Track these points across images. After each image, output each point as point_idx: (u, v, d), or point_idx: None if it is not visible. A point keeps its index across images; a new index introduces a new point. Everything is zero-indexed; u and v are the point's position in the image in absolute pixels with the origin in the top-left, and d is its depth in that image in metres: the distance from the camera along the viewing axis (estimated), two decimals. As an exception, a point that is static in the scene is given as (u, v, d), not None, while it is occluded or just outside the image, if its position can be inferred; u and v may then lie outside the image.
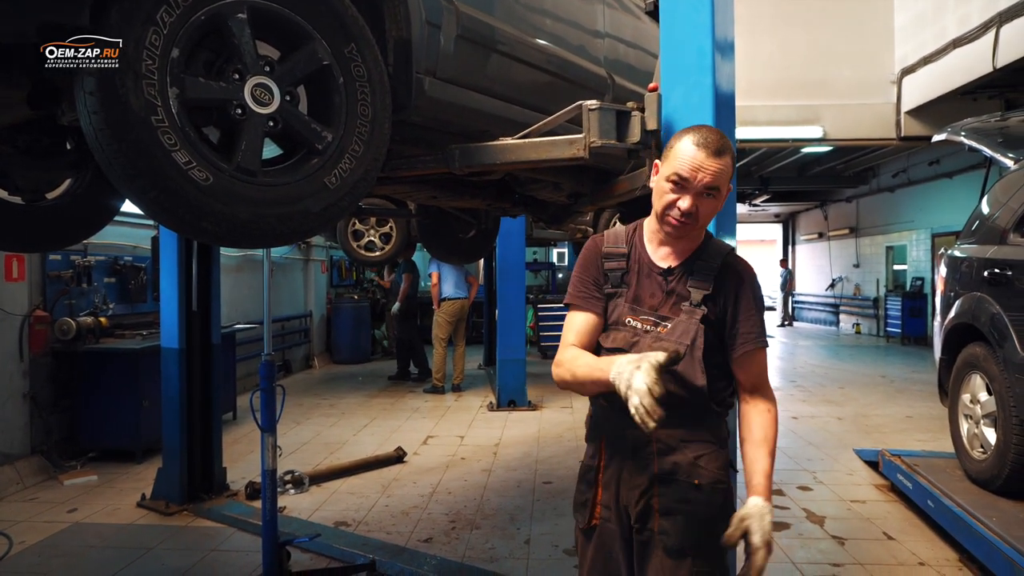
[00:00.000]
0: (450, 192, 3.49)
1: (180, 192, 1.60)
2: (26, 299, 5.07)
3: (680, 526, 1.64)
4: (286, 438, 6.08)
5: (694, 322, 1.65)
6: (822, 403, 7.74)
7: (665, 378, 1.53)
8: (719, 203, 1.65)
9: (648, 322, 1.70)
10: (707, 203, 1.63)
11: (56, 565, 3.53)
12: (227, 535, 3.95)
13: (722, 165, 1.60)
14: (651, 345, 1.65)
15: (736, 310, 1.68)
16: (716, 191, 1.62)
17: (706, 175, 1.59)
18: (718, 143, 1.61)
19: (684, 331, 1.65)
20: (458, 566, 3.45)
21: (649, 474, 1.67)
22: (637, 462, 1.68)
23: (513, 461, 5.41)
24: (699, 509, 1.65)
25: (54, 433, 5.21)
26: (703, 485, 1.65)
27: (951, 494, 3.76)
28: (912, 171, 13.31)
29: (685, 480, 1.65)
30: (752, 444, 1.66)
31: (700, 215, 1.64)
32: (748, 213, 19.71)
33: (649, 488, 1.67)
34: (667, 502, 1.65)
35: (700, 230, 1.71)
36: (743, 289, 1.69)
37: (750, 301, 1.69)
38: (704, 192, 1.61)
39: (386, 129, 2.01)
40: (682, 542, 1.64)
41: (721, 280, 1.68)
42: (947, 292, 4.43)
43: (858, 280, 16.25)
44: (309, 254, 10.90)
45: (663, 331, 1.67)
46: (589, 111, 2.35)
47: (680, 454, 1.66)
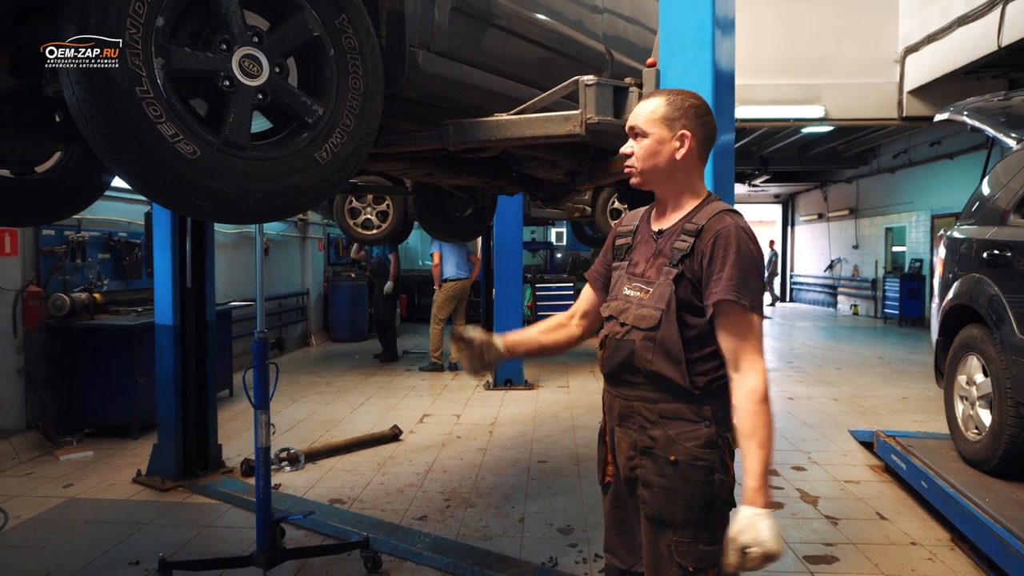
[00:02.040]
0: (446, 169, 3.45)
1: (166, 166, 1.57)
2: (19, 274, 5.04)
3: (657, 498, 1.67)
4: (282, 416, 6.09)
5: (668, 283, 1.67)
6: (818, 384, 7.76)
7: (645, 345, 1.67)
8: (652, 145, 1.72)
9: (637, 287, 1.75)
10: (639, 145, 1.74)
11: (51, 540, 3.54)
12: (222, 511, 3.96)
13: (646, 108, 1.74)
14: (635, 311, 1.72)
15: (711, 266, 1.62)
16: (638, 131, 1.73)
17: (635, 119, 1.74)
18: (650, 95, 1.79)
19: (660, 295, 1.68)
20: (452, 544, 3.46)
21: (632, 443, 1.73)
22: (624, 431, 1.75)
23: (509, 440, 5.42)
24: (675, 484, 1.65)
25: (49, 409, 5.20)
26: (680, 462, 1.65)
27: (945, 475, 3.77)
28: (913, 152, 13.24)
29: (662, 455, 1.67)
30: (741, 436, 1.61)
31: (638, 158, 1.74)
32: (748, 194, 19.61)
33: (633, 457, 1.73)
34: (646, 474, 1.69)
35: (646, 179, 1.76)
36: (719, 244, 1.62)
37: (722, 254, 1.61)
38: (633, 134, 1.75)
39: (378, 103, 1.98)
40: (659, 512, 1.67)
41: (700, 237, 1.66)
42: (945, 273, 4.41)
43: (857, 261, 16.24)
44: (306, 232, 10.85)
45: (646, 297, 1.72)
46: (586, 87, 2.31)
47: (658, 429, 1.68)
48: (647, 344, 1.67)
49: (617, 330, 1.74)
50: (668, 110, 1.71)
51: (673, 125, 1.70)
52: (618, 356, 1.73)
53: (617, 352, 1.73)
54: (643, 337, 1.68)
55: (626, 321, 1.72)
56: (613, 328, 1.76)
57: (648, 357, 1.67)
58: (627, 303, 1.75)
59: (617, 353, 1.73)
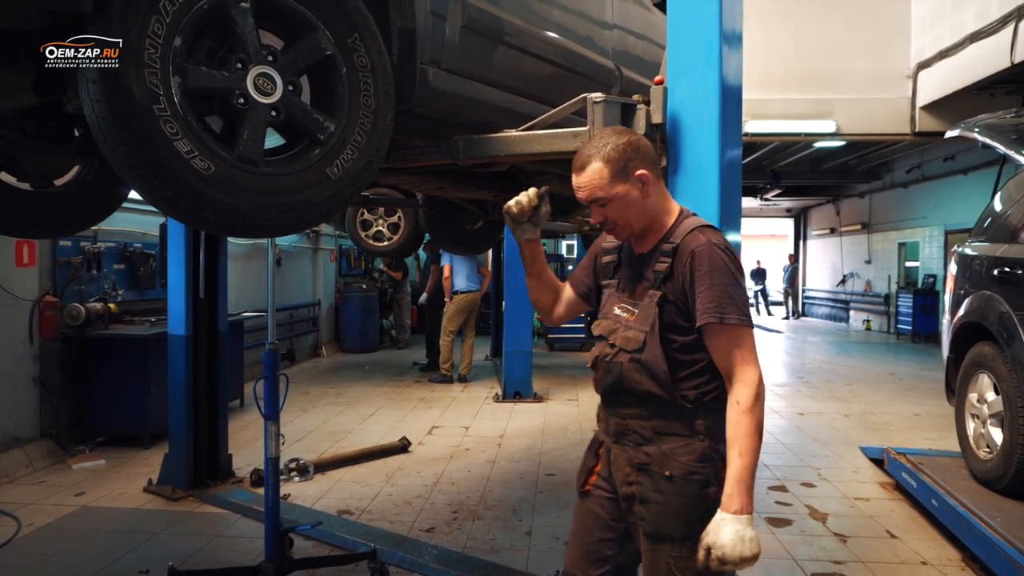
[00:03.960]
0: (456, 183, 3.49)
1: (182, 181, 1.60)
2: (36, 284, 5.12)
3: (655, 514, 1.70)
4: (292, 426, 6.12)
5: (652, 305, 1.71)
6: (829, 399, 7.71)
7: (633, 367, 1.72)
8: (620, 203, 1.72)
9: (625, 309, 1.79)
10: (610, 211, 1.73)
11: (63, 548, 3.58)
12: (231, 521, 3.99)
13: (588, 178, 1.71)
14: (622, 333, 1.76)
15: (692, 287, 1.66)
16: (600, 200, 1.72)
17: (582, 193, 1.74)
18: (579, 159, 1.74)
19: (645, 317, 1.72)
20: (459, 556, 3.47)
21: (628, 460, 1.76)
22: (622, 449, 1.79)
23: (517, 453, 5.42)
24: (672, 499, 1.68)
25: (63, 417, 5.26)
26: (675, 476, 1.68)
27: (955, 493, 3.74)
28: (926, 167, 13.18)
29: (657, 471, 1.70)
30: (726, 446, 1.62)
31: (614, 219, 1.75)
32: (759, 208, 19.59)
33: (630, 474, 1.75)
34: (643, 491, 1.72)
35: (638, 226, 1.76)
36: (692, 263, 1.65)
37: (707, 274, 1.63)
38: (595, 204, 1.74)
39: (389, 120, 2.01)
40: (657, 529, 1.70)
41: (677, 257, 1.69)
42: (957, 290, 4.39)
43: (869, 276, 16.14)
44: (318, 243, 10.93)
45: (631, 318, 1.76)
46: (594, 104, 2.33)
47: (653, 446, 1.72)
48: (634, 366, 1.71)
49: (607, 352, 1.79)
50: (613, 166, 1.70)
51: (626, 173, 1.71)
52: (609, 378, 1.78)
53: (608, 374, 1.78)
54: (630, 359, 1.72)
55: (615, 343, 1.77)
56: (603, 349, 1.81)
57: (636, 378, 1.71)
58: (616, 323, 1.80)
59: (608, 375, 1.78)
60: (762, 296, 20.89)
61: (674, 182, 2.50)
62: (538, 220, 1.91)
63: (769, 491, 4.52)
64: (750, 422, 1.59)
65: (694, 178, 2.46)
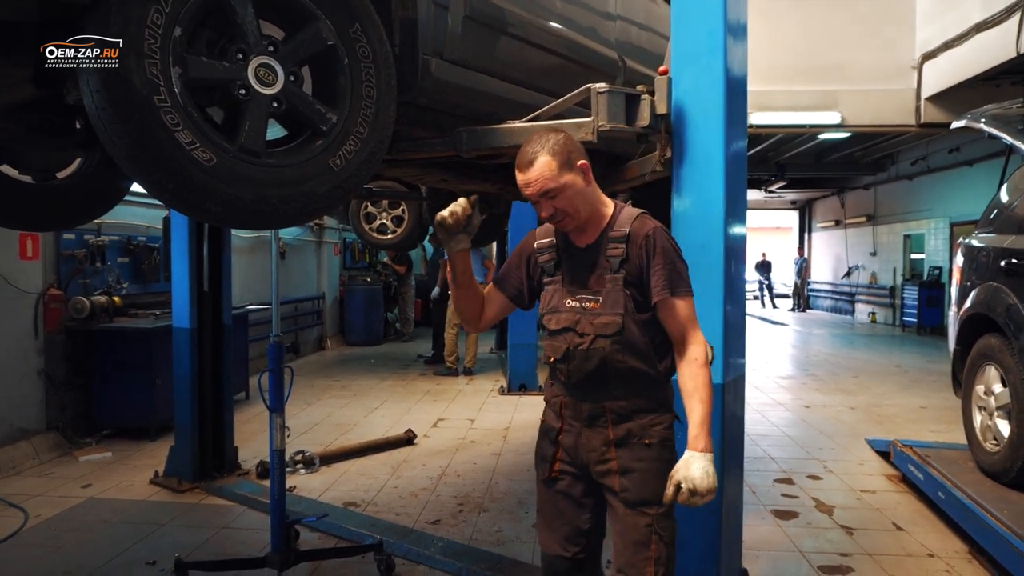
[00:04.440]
0: (460, 175, 3.47)
1: (184, 173, 1.60)
2: (40, 278, 5.13)
3: (637, 482, 1.86)
4: (298, 419, 6.13)
5: (619, 289, 1.85)
6: (835, 392, 7.69)
7: (615, 348, 1.84)
8: (570, 193, 1.82)
9: (584, 299, 1.89)
10: (559, 200, 1.82)
11: (70, 539, 3.59)
12: (237, 513, 4.00)
13: (537, 171, 1.79)
14: (593, 321, 1.86)
15: (648, 267, 1.83)
16: (551, 192, 1.80)
17: (532, 187, 1.81)
18: (525, 156, 1.82)
19: (615, 301, 1.85)
20: (464, 548, 3.47)
21: (605, 439, 1.89)
22: (594, 430, 1.91)
23: (523, 445, 5.42)
24: (652, 465, 1.87)
25: (69, 410, 5.28)
26: (653, 444, 1.88)
27: (962, 486, 3.72)
28: (932, 158, 13.10)
29: (638, 442, 1.88)
30: (685, 396, 1.82)
31: (563, 209, 1.83)
32: (764, 200, 19.54)
33: (606, 451, 1.89)
34: (624, 462, 1.87)
35: (584, 214, 1.87)
36: (649, 247, 1.84)
37: (659, 255, 1.83)
38: (545, 197, 1.81)
39: (391, 111, 2.00)
40: (640, 495, 1.86)
41: (631, 241, 1.85)
42: (963, 282, 4.36)
43: (875, 269, 16.08)
44: (322, 236, 10.93)
45: (596, 306, 1.87)
46: (598, 94, 2.32)
47: (631, 422, 1.89)
48: (615, 347, 1.85)
49: (578, 341, 1.88)
50: (559, 158, 1.81)
51: (571, 164, 1.83)
52: (590, 364, 1.87)
53: (588, 360, 1.87)
54: (612, 342, 1.85)
55: (585, 331, 1.87)
56: (572, 340, 1.89)
57: (620, 358, 1.85)
58: (577, 314, 1.89)
59: (588, 361, 1.87)
60: (767, 289, 20.83)
61: (679, 174, 2.49)
62: (472, 229, 1.92)
63: (775, 483, 4.52)
64: (706, 374, 1.83)
65: (699, 170, 2.45)
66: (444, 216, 1.86)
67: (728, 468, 2.51)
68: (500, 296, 2.08)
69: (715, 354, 2.42)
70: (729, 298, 2.47)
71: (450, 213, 1.86)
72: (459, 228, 1.89)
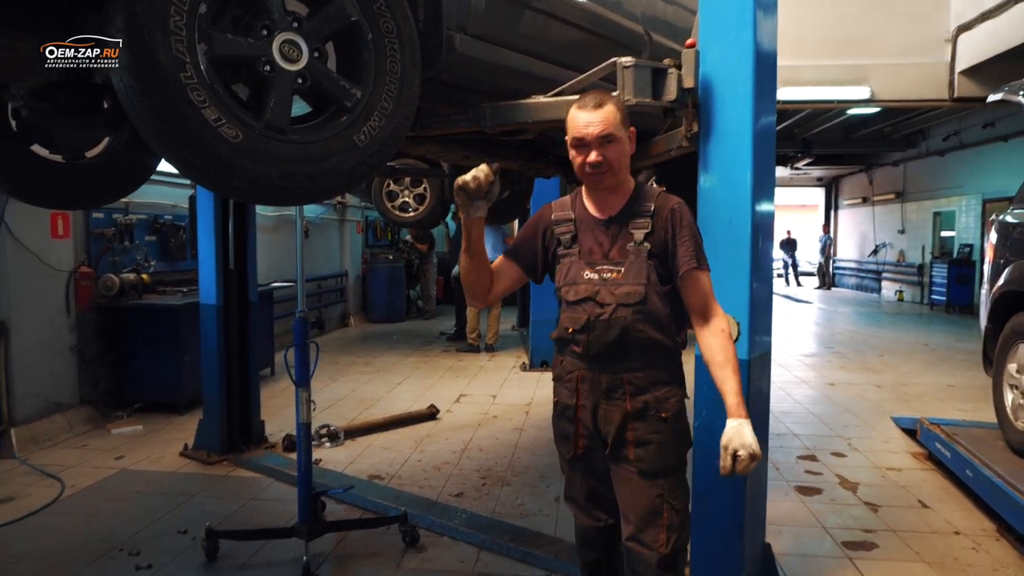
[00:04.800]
0: (483, 152, 3.46)
1: (210, 149, 1.61)
2: (71, 256, 5.22)
3: (653, 453, 1.93)
4: (322, 394, 6.22)
5: (643, 260, 1.90)
6: (860, 370, 7.61)
7: (636, 318, 1.88)
8: (623, 146, 1.90)
9: (604, 270, 1.93)
10: (610, 149, 1.87)
11: (105, 508, 3.70)
12: (265, 484, 4.08)
13: (605, 114, 1.85)
14: (615, 291, 1.90)
15: (673, 240, 1.90)
16: (611, 137, 1.86)
17: (595, 127, 1.85)
18: (595, 99, 1.87)
19: (638, 271, 1.90)
20: (488, 520, 3.51)
21: (622, 411, 1.93)
22: (611, 402, 1.95)
23: (544, 420, 5.44)
24: (667, 438, 1.94)
25: (101, 385, 5.41)
26: (668, 418, 1.93)
27: (991, 464, 3.68)
28: (964, 134, 12.77)
29: (654, 415, 1.93)
30: (716, 366, 1.87)
31: (610, 160, 1.87)
32: (789, 177, 19.21)
33: (623, 423, 1.93)
34: (640, 434, 1.93)
35: (621, 176, 1.94)
36: (674, 220, 1.91)
37: (684, 230, 1.91)
38: (602, 142, 1.85)
39: (415, 86, 1.99)
40: (655, 466, 1.93)
41: (657, 216, 1.92)
42: (997, 259, 4.28)
43: (903, 246, 15.79)
44: (344, 214, 10.98)
45: (619, 276, 1.91)
46: (624, 68, 2.29)
47: (649, 394, 1.93)
48: (637, 317, 1.88)
49: (599, 311, 1.91)
50: (623, 113, 1.90)
51: (627, 124, 1.92)
52: (611, 334, 1.90)
53: (609, 330, 1.90)
54: (633, 311, 1.88)
55: (605, 301, 1.90)
56: (592, 310, 1.91)
57: (640, 328, 1.89)
58: (598, 285, 1.92)
59: (609, 331, 1.90)
60: (792, 267, 20.58)
61: (706, 149, 2.46)
62: (492, 196, 1.89)
63: (799, 460, 4.50)
64: (733, 345, 1.91)
65: (726, 144, 2.42)
66: (466, 180, 1.83)
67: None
68: (513, 268, 2.08)
69: (740, 330, 2.41)
70: (756, 275, 2.44)
71: (472, 178, 1.84)
72: (480, 194, 1.86)
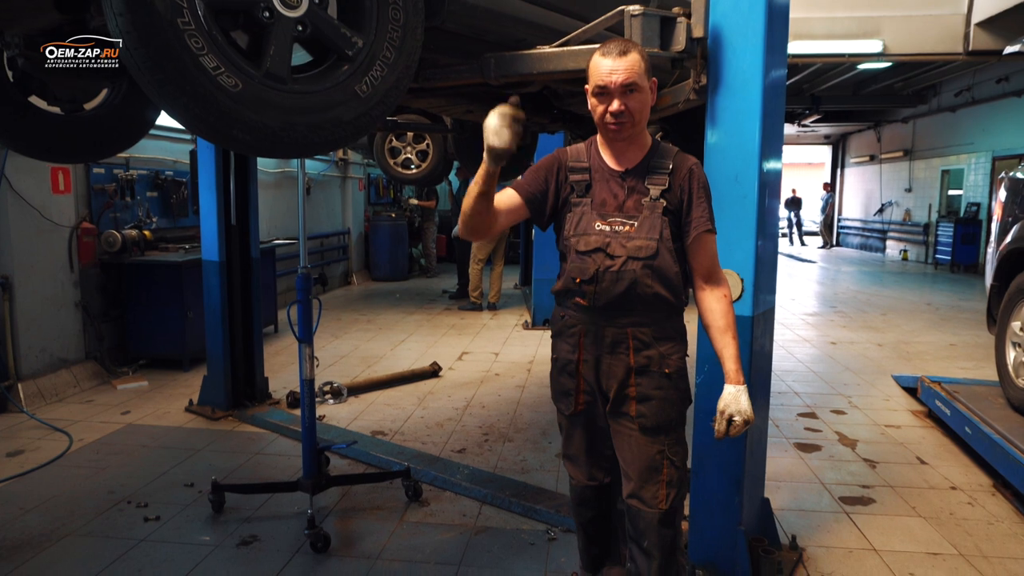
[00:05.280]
0: (486, 106, 3.37)
1: (210, 98, 1.57)
2: (73, 211, 5.19)
3: (655, 409, 1.93)
4: (325, 351, 6.25)
5: (657, 215, 1.89)
6: (863, 329, 7.63)
7: (646, 272, 1.87)
8: (646, 96, 1.86)
9: (616, 223, 1.91)
10: (633, 99, 1.83)
11: (112, 462, 3.75)
12: (269, 440, 4.13)
13: (630, 62, 1.81)
14: (627, 244, 1.88)
15: (689, 200, 1.90)
16: (634, 86, 1.81)
17: (619, 75, 1.80)
18: (621, 46, 1.83)
19: (651, 226, 1.88)
20: (490, 476, 3.56)
21: (626, 366, 1.93)
22: (615, 356, 1.94)
23: (546, 378, 5.43)
24: (669, 394, 1.95)
25: (106, 341, 5.43)
26: (671, 374, 1.94)
27: (990, 420, 3.71)
28: (977, 89, 12.55)
29: (657, 371, 1.93)
30: (717, 331, 1.91)
31: (631, 111, 1.84)
32: (796, 134, 18.98)
33: (626, 378, 1.93)
34: (643, 390, 1.93)
35: (640, 127, 1.90)
36: (692, 180, 1.91)
37: (701, 191, 1.92)
38: (625, 91, 1.82)
39: (418, 35, 1.94)
40: (657, 422, 1.94)
41: (674, 175, 1.91)
42: (1005, 217, 4.24)
43: (909, 205, 15.67)
44: (346, 171, 10.90)
45: (631, 229, 1.89)
46: (631, 17, 2.23)
47: (652, 349, 1.93)
48: (647, 271, 1.87)
49: (608, 263, 1.89)
50: (647, 62, 1.85)
51: (650, 74, 1.88)
52: (619, 286, 1.88)
53: (617, 283, 1.88)
54: (643, 265, 1.87)
55: (616, 253, 1.88)
56: (603, 262, 1.89)
57: (648, 283, 1.88)
58: (609, 237, 1.90)
59: (617, 284, 1.88)
60: (796, 226, 20.47)
61: (714, 101, 2.41)
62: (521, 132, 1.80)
63: (799, 417, 4.54)
64: (733, 311, 1.94)
65: (735, 96, 2.37)
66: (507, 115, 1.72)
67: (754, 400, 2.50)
68: (518, 203, 1.99)
69: (744, 287, 2.40)
70: (762, 232, 2.42)
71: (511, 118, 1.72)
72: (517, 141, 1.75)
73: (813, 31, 8.91)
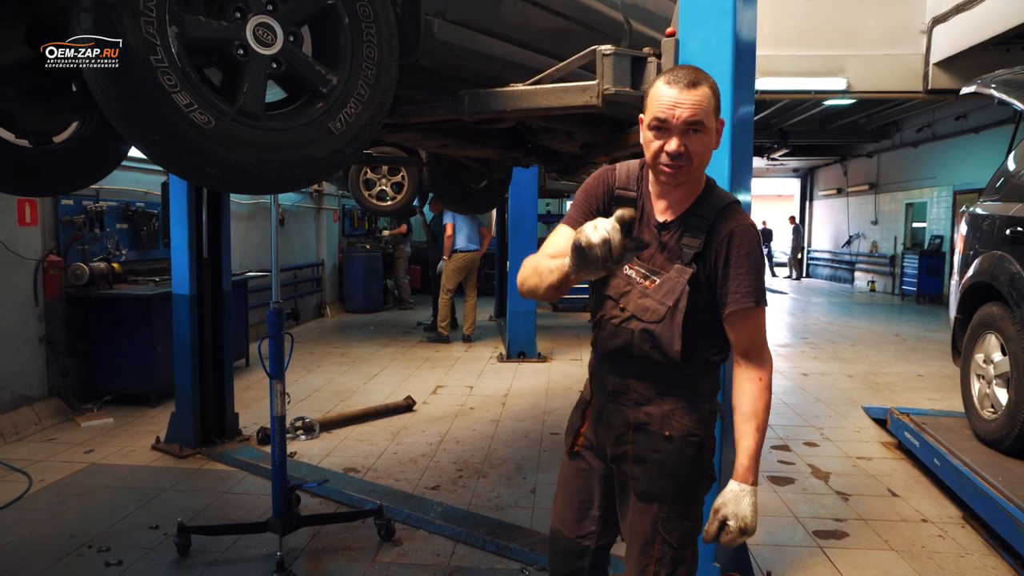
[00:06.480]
0: (461, 140, 3.43)
1: (181, 136, 1.56)
2: (39, 244, 5.09)
3: (650, 473, 1.69)
4: (297, 385, 6.16)
5: (681, 282, 1.62)
6: (833, 360, 7.73)
7: (643, 337, 1.66)
8: (709, 138, 1.58)
9: (640, 273, 1.68)
10: (695, 140, 1.55)
11: (74, 504, 3.62)
12: (239, 478, 4.03)
13: (699, 96, 1.53)
14: (638, 300, 1.67)
15: (727, 267, 1.61)
16: (700, 125, 1.54)
17: (684, 110, 1.52)
18: (690, 76, 1.55)
19: (669, 290, 1.63)
20: (464, 513, 3.51)
21: (625, 420, 1.72)
22: (616, 407, 1.74)
23: (521, 412, 5.45)
24: (669, 459, 1.68)
25: (70, 376, 5.29)
26: (674, 437, 1.68)
27: (958, 452, 3.76)
28: (937, 126, 12.98)
29: (657, 431, 1.69)
30: (740, 417, 1.63)
31: (691, 154, 1.56)
32: (766, 167, 19.41)
33: (625, 434, 1.72)
34: (639, 450, 1.71)
35: (697, 173, 1.63)
36: (734, 245, 1.61)
37: (742, 259, 1.60)
38: (688, 129, 1.54)
39: (393, 73, 1.96)
40: (650, 488, 1.70)
41: (712, 235, 1.62)
42: (966, 250, 4.35)
43: (875, 237, 16.05)
44: (321, 203, 10.86)
45: (650, 286, 1.66)
46: (603, 56, 2.27)
47: (654, 406, 1.70)
48: (645, 336, 1.66)
49: (616, 315, 1.70)
50: (717, 100, 1.58)
51: (717, 114, 1.60)
52: (616, 342, 1.71)
53: (615, 338, 1.71)
54: (641, 328, 1.66)
55: (626, 307, 1.69)
56: (612, 311, 1.72)
57: (646, 348, 1.67)
58: (628, 285, 1.69)
59: (615, 339, 1.71)
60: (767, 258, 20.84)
61: (684, 139, 2.45)
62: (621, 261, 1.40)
63: (772, 450, 4.55)
64: (768, 399, 1.64)
65: (705, 134, 2.41)
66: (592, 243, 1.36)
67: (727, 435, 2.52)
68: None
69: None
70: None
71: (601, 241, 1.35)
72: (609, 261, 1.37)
73: (780, 68, 9.20)
